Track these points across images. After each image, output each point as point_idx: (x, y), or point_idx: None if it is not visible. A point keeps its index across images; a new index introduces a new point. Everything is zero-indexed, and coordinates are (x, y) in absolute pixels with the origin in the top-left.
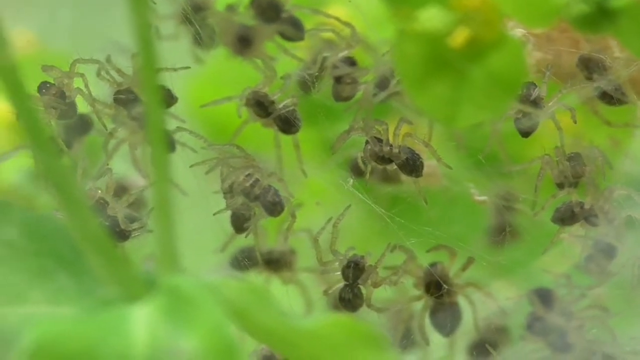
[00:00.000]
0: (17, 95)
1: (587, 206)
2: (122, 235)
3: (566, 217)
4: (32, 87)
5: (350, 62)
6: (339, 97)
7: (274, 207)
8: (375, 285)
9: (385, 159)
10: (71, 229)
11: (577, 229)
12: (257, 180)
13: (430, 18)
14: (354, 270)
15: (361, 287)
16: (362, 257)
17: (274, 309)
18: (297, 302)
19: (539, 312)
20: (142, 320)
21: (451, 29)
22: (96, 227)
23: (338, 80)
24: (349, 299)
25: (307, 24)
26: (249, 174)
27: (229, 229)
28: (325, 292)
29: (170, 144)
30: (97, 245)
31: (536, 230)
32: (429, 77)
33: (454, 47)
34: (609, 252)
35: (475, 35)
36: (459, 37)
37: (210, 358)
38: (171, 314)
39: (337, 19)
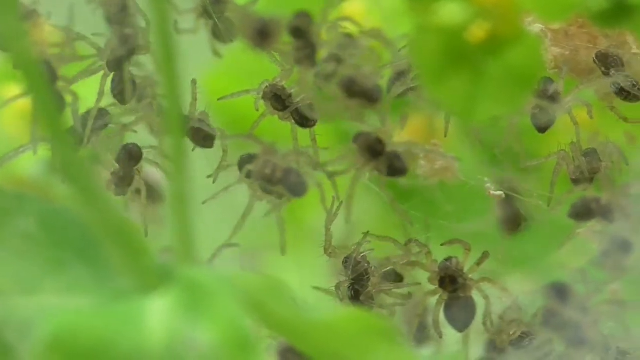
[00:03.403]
0: (35, 87)
1: (603, 202)
2: None
3: (583, 212)
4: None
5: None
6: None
7: (298, 188)
8: (375, 287)
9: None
10: (88, 221)
11: (593, 224)
12: (275, 164)
13: (449, 12)
14: (357, 275)
15: (362, 286)
16: (365, 259)
17: (290, 302)
18: (311, 294)
19: (554, 307)
20: (158, 312)
21: (469, 24)
22: (113, 219)
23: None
24: (350, 296)
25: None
26: (266, 160)
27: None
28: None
29: (208, 139)
30: (114, 237)
31: (552, 226)
32: (446, 71)
33: (472, 42)
34: (624, 247)
35: (493, 30)
36: (477, 31)
37: (226, 350)
38: (188, 306)
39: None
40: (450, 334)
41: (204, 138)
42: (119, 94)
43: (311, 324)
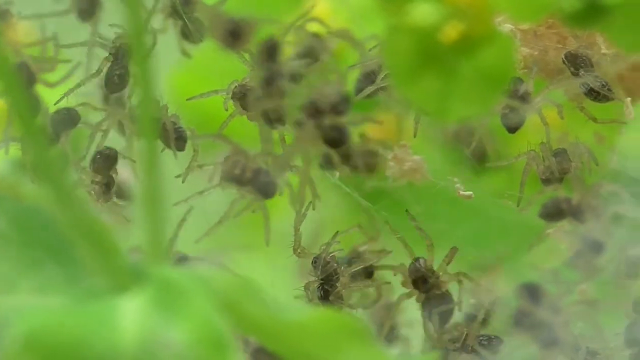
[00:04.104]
0: (8, 85)
1: (574, 202)
2: None
3: (553, 213)
4: None
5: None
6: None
7: (268, 188)
8: (344, 286)
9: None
10: (60, 220)
11: (564, 224)
12: (245, 165)
13: (421, 12)
14: (326, 275)
15: (331, 286)
16: (334, 259)
17: (262, 302)
18: (281, 294)
19: (525, 307)
20: (132, 311)
21: (442, 24)
22: (85, 218)
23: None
24: (319, 296)
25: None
26: (236, 161)
27: (213, 219)
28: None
29: (181, 141)
30: (86, 236)
31: (522, 226)
32: (419, 71)
33: (444, 42)
34: (596, 247)
35: (466, 30)
36: (450, 32)
37: (200, 349)
38: (161, 305)
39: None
40: (420, 334)
41: (175, 140)
42: (117, 77)
43: (283, 324)
